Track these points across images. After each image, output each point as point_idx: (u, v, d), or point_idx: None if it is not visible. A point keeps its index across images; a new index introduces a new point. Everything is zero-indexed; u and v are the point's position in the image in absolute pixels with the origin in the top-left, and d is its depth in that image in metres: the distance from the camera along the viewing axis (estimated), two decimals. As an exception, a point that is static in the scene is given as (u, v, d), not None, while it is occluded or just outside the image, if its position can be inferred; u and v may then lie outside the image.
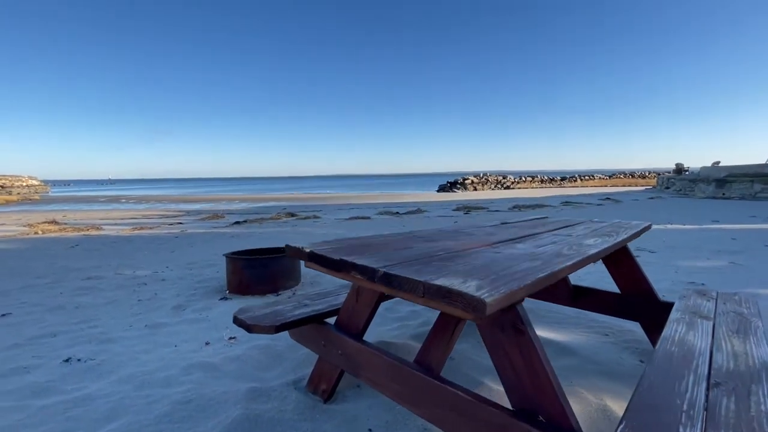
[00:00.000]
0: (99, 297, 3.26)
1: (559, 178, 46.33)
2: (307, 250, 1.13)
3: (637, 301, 1.87)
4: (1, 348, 2.24)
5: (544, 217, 2.50)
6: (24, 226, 9.96)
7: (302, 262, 3.67)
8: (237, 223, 9.36)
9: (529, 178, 45.26)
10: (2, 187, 51.83)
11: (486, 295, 0.72)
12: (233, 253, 3.49)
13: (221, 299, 3.11)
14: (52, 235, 7.76)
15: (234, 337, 2.29)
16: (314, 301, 1.78)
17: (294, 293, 3.24)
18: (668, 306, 1.65)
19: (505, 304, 0.75)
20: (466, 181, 41.60)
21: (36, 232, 7.99)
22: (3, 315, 2.82)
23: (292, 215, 11.05)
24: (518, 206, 12.46)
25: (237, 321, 1.49)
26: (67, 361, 2.01)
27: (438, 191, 41.12)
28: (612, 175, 50.39)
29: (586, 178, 47.70)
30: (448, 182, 43.01)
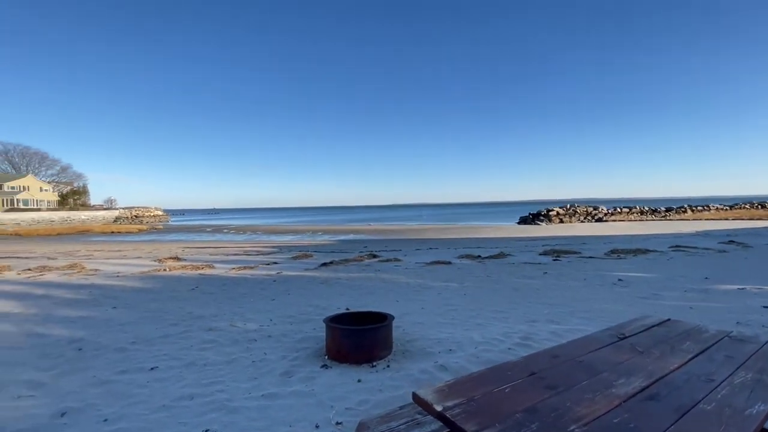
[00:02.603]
0: (220, 353, 3.73)
1: (663, 208, 40.86)
2: (438, 409, 1.20)
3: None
4: (153, 408, 2.68)
5: (665, 320, 2.26)
6: (155, 260, 11.84)
7: (395, 330, 3.73)
8: (324, 264, 9.97)
9: (626, 209, 40.72)
10: (136, 216, 62.50)
11: None
12: (332, 319, 3.74)
13: (322, 366, 3.33)
14: (176, 272, 9.08)
15: (340, 423, 2.43)
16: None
17: (388, 364, 3.34)
18: None
19: None
20: (551, 213, 38.96)
21: (164, 269, 9.42)
22: (152, 369, 3.38)
23: (374, 256, 11.43)
24: (616, 251, 11.26)
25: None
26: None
27: (519, 223, 39.10)
28: (734, 204, 42.96)
29: (699, 208, 41.36)
30: (530, 213, 40.73)
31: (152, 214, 66.93)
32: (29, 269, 9.73)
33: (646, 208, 40.82)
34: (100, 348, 3.93)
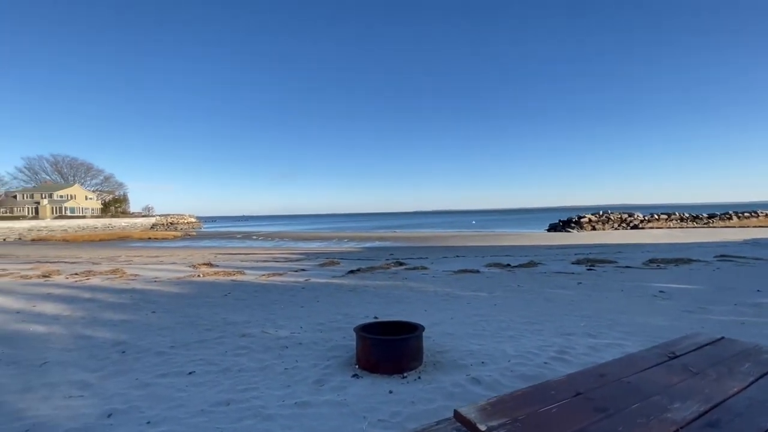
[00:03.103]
0: (254, 359, 3.81)
1: (705, 215, 38.58)
2: (482, 429, 1.17)
3: None
4: (192, 412, 2.77)
5: (718, 339, 2.12)
6: (189, 266, 12.31)
7: (424, 340, 3.66)
8: (351, 272, 10.04)
9: (663, 216, 38.72)
10: (171, 223, 65.36)
11: None
12: (362, 328, 3.74)
13: (353, 376, 3.34)
14: (210, 278, 9.39)
15: (374, 435, 2.42)
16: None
17: (419, 376, 3.30)
18: None
19: None
20: (582, 220, 37.63)
21: (198, 275, 9.77)
22: (190, 373, 3.49)
23: (400, 264, 11.40)
24: (655, 260, 10.70)
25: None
26: (243, 439, 2.38)
27: (548, 230, 37.98)
28: (786, 211, 40.02)
29: (745, 214, 38.82)
30: (559, 220, 39.53)
31: (186, 221, 69.87)
32: (76, 273, 10.35)
33: (687, 215, 38.67)
34: (142, 351, 4.11)
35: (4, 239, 38.60)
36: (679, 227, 35.95)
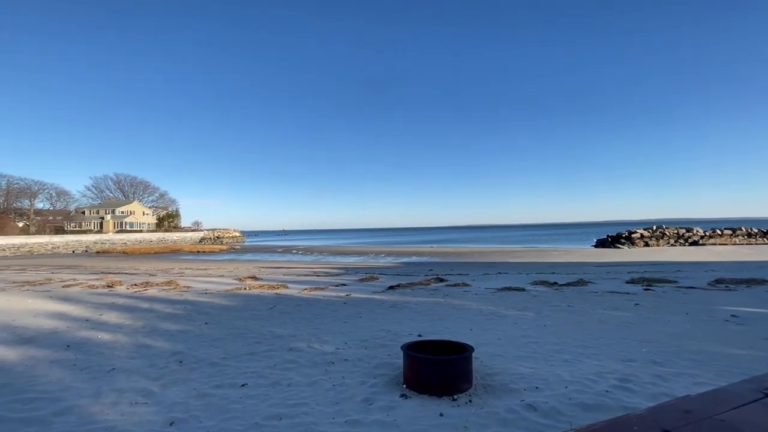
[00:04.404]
0: (302, 374, 3.86)
1: (778, 230, 34.80)
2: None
3: None
4: (247, 425, 2.84)
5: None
6: (236, 279, 12.84)
7: (475, 363, 3.53)
8: (391, 287, 10.00)
9: (728, 231, 35.42)
10: (218, 238, 68.83)
11: None
12: (409, 347, 3.69)
13: (401, 396, 3.28)
14: (255, 291, 9.73)
15: (428, 460, 2.35)
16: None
17: (470, 399, 3.19)
18: None
19: None
20: (634, 235, 35.29)
21: (245, 288, 10.15)
22: (242, 385, 3.60)
23: (441, 280, 11.22)
24: (723, 280, 9.76)
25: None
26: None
27: (596, 246, 35.95)
28: None
29: (829, 230, 34.66)
30: (608, 236, 37.31)
31: (231, 236, 73.25)
32: (135, 284, 11.12)
33: (755, 230, 35.10)
34: (197, 361, 4.30)
35: (74, 251, 42.42)
36: (747, 243, 32.68)
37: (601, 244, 36.38)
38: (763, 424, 1.40)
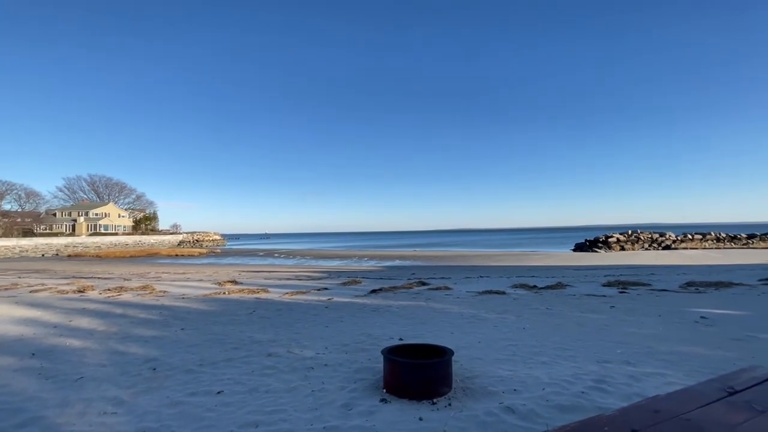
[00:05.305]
0: (280, 380, 3.79)
1: (744, 235, 36.54)
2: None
3: None
4: (222, 433, 2.77)
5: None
6: (215, 283, 12.55)
7: (455, 366, 3.55)
8: (373, 291, 9.97)
9: (698, 236, 36.93)
10: (197, 241, 67.25)
11: None
12: (390, 351, 3.68)
13: (381, 400, 3.26)
14: (235, 296, 9.53)
15: (406, 465, 2.33)
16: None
17: (450, 402, 3.19)
18: None
19: None
20: (610, 239, 36.34)
21: (224, 293, 9.94)
22: (218, 392, 3.50)
23: (423, 284, 11.26)
24: (693, 283, 10.14)
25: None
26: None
27: (574, 250, 36.83)
28: (835, 231, 37.48)
29: (790, 235, 36.51)
30: (586, 240, 38.32)
31: (211, 239, 71.74)
32: (109, 289, 10.72)
33: (724, 235, 36.73)
34: (172, 368, 4.16)
35: (44, 254, 40.67)
36: (716, 248, 34.12)
37: (579, 247, 37.29)
38: (724, 420, 1.45)
